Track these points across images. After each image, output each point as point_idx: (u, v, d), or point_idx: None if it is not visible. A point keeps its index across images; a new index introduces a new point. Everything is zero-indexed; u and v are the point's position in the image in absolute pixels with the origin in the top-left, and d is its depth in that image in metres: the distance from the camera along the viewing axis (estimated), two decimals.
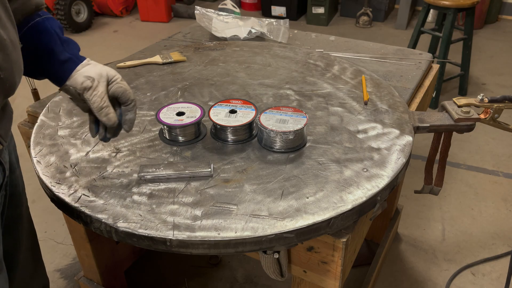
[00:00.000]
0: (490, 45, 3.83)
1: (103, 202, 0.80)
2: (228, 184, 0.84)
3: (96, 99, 0.78)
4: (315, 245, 0.86)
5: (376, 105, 1.11)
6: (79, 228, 1.34)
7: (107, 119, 0.80)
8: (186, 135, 0.96)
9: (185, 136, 0.96)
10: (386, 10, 4.36)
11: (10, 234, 0.98)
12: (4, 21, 0.68)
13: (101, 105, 0.79)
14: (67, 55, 0.80)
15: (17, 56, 0.72)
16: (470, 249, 1.84)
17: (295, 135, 0.92)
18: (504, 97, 1.06)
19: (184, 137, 0.96)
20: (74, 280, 1.70)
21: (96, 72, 0.80)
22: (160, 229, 0.74)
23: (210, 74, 1.28)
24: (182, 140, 0.96)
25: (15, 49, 0.70)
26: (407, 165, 0.94)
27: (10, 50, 0.68)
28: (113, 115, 0.80)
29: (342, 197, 0.81)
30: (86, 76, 0.79)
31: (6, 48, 0.67)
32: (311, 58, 1.38)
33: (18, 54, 0.72)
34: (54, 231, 1.96)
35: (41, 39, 0.80)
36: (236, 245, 0.74)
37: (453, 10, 2.65)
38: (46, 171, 0.88)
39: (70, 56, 0.81)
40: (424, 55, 1.49)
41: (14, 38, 0.71)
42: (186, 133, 0.96)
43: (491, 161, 2.38)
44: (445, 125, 1.06)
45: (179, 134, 0.96)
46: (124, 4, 4.63)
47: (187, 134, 0.96)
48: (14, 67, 0.70)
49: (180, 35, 1.72)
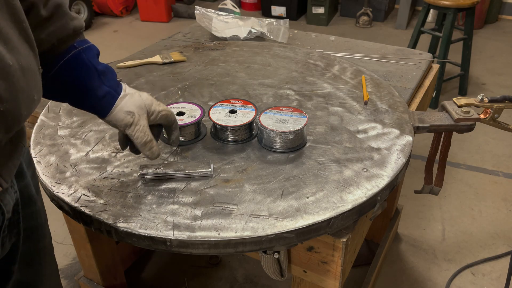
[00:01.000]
0: (490, 45, 3.83)
1: (103, 202, 0.80)
2: (228, 184, 0.84)
3: (139, 134, 0.77)
4: (315, 245, 0.86)
5: (376, 105, 1.11)
6: (79, 228, 1.34)
7: (150, 153, 0.79)
8: (186, 135, 0.96)
9: (185, 136, 0.96)
10: (386, 10, 4.36)
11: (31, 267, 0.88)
12: (15, 44, 0.59)
13: (145, 140, 0.77)
14: (105, 90, 0.76)
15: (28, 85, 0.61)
16: (470, 249, 1.84)
17: (295, 135, 0.92)
18: (504, 97, 1.06)
19: (184, 137, 0.96)
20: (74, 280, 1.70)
21: (135, 105, 0.77)
22: (160, 229, 0.74)
23: (210, 74, 1.28)
24: (182, 140, 0.96)
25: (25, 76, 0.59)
26: (407, 165, 0.94)
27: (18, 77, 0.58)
28: (156, 148, 0.80)
29: (342, 197, 0.81)
30: (126, 112, 0.76)
31: (11, 75, 0.57)
32: (311, 58, 1.38)
33: (30, 81, 0.61)
34: (54, 231, 1.96)
35: (78, 75, 0.75)
36: (236, 245, 0.74)
37: (453, 10, 2.65)
38: (46, 171, 0.89)
39: (109, 90, 0.76)
40: (424, 55, 1.49)
41: (28, 64, 0.61)
42: (186, 133, 0.96)
43: (491, 161, 2.38)
44: (445, 125, 1.06)
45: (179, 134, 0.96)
46: (124, 4, 4.63)
47: (187, 134, 0.96)
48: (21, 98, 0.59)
49: (180, 35, 1.72)
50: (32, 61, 0.63)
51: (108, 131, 1.00)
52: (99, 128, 1.02)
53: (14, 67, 0.57)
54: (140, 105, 0.78)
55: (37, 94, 0.64)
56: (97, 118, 0.80)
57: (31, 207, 0.83)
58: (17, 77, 0.58)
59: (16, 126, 0.62)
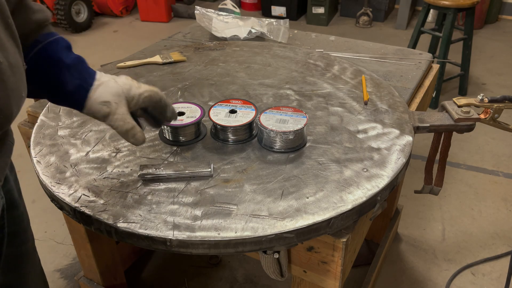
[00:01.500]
0: (490, 45, 3.83)
1: (103, 202, 0.80)
2: (228, 184, 0.84)
3: (118, 123, 0.73)
4: (315, 245, 0.86)
5: (376, 105, 1.11)
6: (79, 228, 1.34)
7: (134, 140, 0.75)
8: (186, 135, 0.96)
9: (185, 136, 0.96)
10: (386, 10, 4.36)
11: (14, 271, 0.86)
12: (3, 41, 0.58)
13: (126, 128, 0.73)
14: (75, 83, 0.72)
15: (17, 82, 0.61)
16: (470, 249, 1.84)
17: (295, 135, 0.92)
18: (504, 97, 1.06)
19: (184, 137, 0.96)
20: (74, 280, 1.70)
21: (111, 93, 0.73)
22: (160, 229, 0.74)
23: (210, 74, 1.28)
24: (182, 140, 0.96)
25: (14, 74, 0.59)
26: (407, 165, 0.94)
27: (8, 75, 0.57)
28: (140, 135, 0.76)
29: (342, 197, 0.81)
30: (101, 103, 0.72)
31: (2, 73, 0.56)
32: (311, 58, 1.38)
33: (18, 79, 0.61)
34: (54, 231, 1.96)
35: (46, 70, 0.72)
36: (236, 245, 0.74)
37: (453, 10, 2.65)
38: (46, 171, 0.88)
39: (79, 83, 0.72)
40: (424, 55, 1.49)
41: (16, 61, 0.60)
42: (186, 133, 0.96)
43: (491, 161, 2.38)
44: (445, 125, 1.06)
45: (179, 134, 0.96)
46: (124, 4, 4.63)
47: (187, 134, 0.96)
48: (12, 96, 0.59)
49: (180, 35, 1.72)
50: (18, 58, 0.62)
51: (108, 131, 1.00)
52: (99, 128, 1.02)
53: (4, 64, 0.57)
54: (117, 92, 0.73)
55: (24, 92, 0.64)
56: None
57: (14, 211, 0.82)
58: (8, 75, 0.57)
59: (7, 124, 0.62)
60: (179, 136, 0.96)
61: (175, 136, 0.96)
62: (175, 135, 0.96)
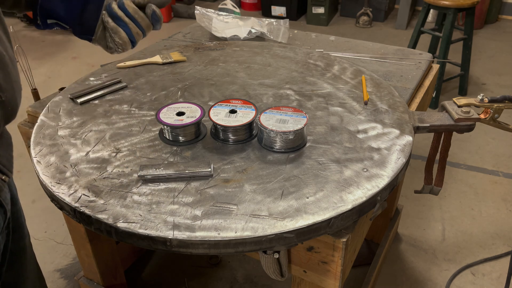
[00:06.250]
0: (490, 45, 3.83)
1: (103, 202, 0.80)
2: (228, 184, 0.84)
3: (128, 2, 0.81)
4: (315, 245, 0.86)
5: (376, 105, 1.11)
6: (79, 228, 1.34)
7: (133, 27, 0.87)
8: (186, 135, 0.96)
9: (185, 136, 0.96)
10: (386, 10, 4.36)
11: (12, 268, 0.90)
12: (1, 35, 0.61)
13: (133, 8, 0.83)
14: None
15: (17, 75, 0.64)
16: (470, 249, 1.84)
17: (295, 135, 0.92)
18: (504, 97, 1.06)
19: (184, 137, 0.96)
20: (74, 280, 1.70)
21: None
22: (160, 229, 0.74)
23: (210, 74, 1.28)
24: (182, 140, 0.96)
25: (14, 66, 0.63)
26: (407, 165, 0.94)
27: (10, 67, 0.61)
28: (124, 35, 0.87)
29: (342, 197, 0.81)
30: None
31: (6, 65, 0.60)
32: (311, 58, 1.38)
33: (17, 72, 0.65)
34: (54, 231, 1.96)
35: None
36: (236, 245, 0.74)
37: (453, 10, 2.65)
38: (46, 171, 0.88)
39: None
40: (424, 55, 1.49)
41: (12, 54, 0.64)
42: (186, 133, 0.96)
43: (491, 161, 2.38)
44: (445, 125, 1.06)
45: (179, 134, 0.96)
46: None
47: (187, 134, 0.96)
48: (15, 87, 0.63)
49: (180, 35, 1.72)
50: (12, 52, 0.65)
51: (108, 131, 1.00)
52: (99, 128, 1.02)
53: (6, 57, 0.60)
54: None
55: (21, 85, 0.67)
56: (97, 118, 0.80)
57: (13, 207, 0.85)
58: (10, 67, 0.61)
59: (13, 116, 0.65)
60: (179, 136, 0.96)
61: (175, 136, 0.96)
62: (175, 135, 0.96)
